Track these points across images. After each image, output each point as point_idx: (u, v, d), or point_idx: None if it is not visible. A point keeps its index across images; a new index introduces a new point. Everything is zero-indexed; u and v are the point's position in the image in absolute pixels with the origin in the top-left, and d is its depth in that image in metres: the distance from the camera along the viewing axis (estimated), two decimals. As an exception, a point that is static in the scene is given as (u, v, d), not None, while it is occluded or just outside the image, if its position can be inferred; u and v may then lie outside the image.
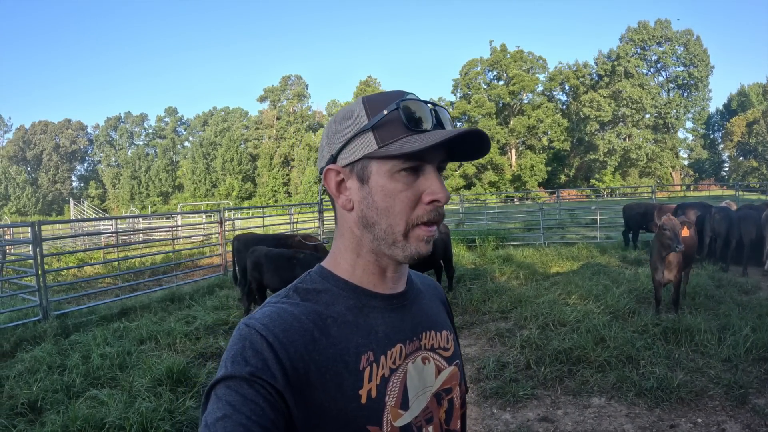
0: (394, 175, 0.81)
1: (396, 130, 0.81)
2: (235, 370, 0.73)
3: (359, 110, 0.84)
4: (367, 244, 0.86)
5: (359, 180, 0.84)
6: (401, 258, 0.85)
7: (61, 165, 75.19)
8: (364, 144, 0.82)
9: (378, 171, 0.82)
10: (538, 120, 52.13)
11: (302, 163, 61.22)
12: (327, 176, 0.87)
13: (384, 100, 0.83)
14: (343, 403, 0.78)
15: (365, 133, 0.82)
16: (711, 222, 9.75)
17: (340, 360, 0.80)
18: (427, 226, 0.83)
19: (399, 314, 0.90)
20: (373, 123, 0.81)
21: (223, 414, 0.69)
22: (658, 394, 4.13)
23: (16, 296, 8.67)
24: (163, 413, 3.94)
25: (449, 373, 0.95)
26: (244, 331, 0.78)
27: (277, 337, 0.76)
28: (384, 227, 0.83)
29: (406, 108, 0.81)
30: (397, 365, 0.86)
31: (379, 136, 0.81)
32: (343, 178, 0.86)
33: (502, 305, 7.08)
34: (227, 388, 0.72)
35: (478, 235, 14.57)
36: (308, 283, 0.88)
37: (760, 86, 55.03)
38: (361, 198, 0.84)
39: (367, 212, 0.84)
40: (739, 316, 5.96)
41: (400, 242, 0.83)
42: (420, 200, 0.82)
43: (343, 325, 0.83)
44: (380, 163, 0.82)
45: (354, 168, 0.84)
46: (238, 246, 8.01)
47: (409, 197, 0.82)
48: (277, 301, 0.84)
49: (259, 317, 0.80)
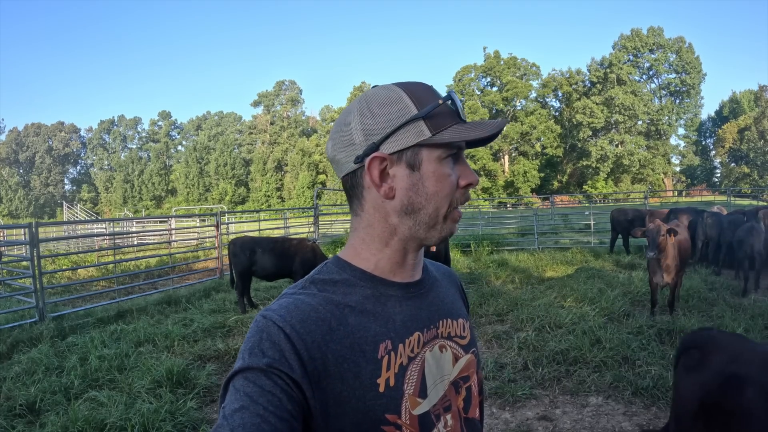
0: (443, 161, 0.85)
1: (446, 120, 0.84)
2: (252, 361, 0.74)
3: (402, 98, 0.85)
4: (402, 232, 0.87)
5: (409, 167, 0.84)
6: (434, 240, 0.88)
7: (53, 168, 74.79)
8: (416, 132, 0.83)
9: (429, 158, 0.84)
10: (531, 126, 52.39)
11: (295, 168, 61.19)
12: (371, 164, 0.84)
13: (423, 90, 0.86)
14: (361, 392, 0.78)
15: (416, 121, 0.83)
16: (703, 226, 9.85)
17: (357, 349, 0.80)
18: (458, 210, 0.89)
19: (416, 302, 0.90)
20: (426, 112, 0.83)
21: (241, 405, 0.70)
22: (654, 393, 4.20)
23: (11, 298, 8.62)
24: (164, 414, 3.94)
25: (466, 361, 0.96)
26: (261, 323, 0.78)
27: (294, 328, 0.77)
28: (430, 211, 0.85)
29: (454, 98, 0.86)
30: (415, 353, 0.86)
31: (431, 124, 0.83)
32: (386, 165, 0.85)
33: (499, 308, 7.12)
34: (245, 380, 0.73)
35: (472, 240, 14.65)
36: (325, 274, 0.88)
37: (751, 93, 55.56)
38: (409, 185, 0.84)
39: (414, 198, 0.85)
40: (732, 317, 6.05)
41: (440, 224, 0.87)
42: (458, 184, 0.87)
43: (360, 314, 0.83)
44: (431, 150, 0.84)
45: (403, 155, 0.84)
46: (234, 249, 8.00)
47: (453, 181, 0.86)
48: (294, 293, 0.85)
49: (276, 309, 0.80)
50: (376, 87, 0.89)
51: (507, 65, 54.38)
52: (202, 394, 4.58)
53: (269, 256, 7.76)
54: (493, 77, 55.01)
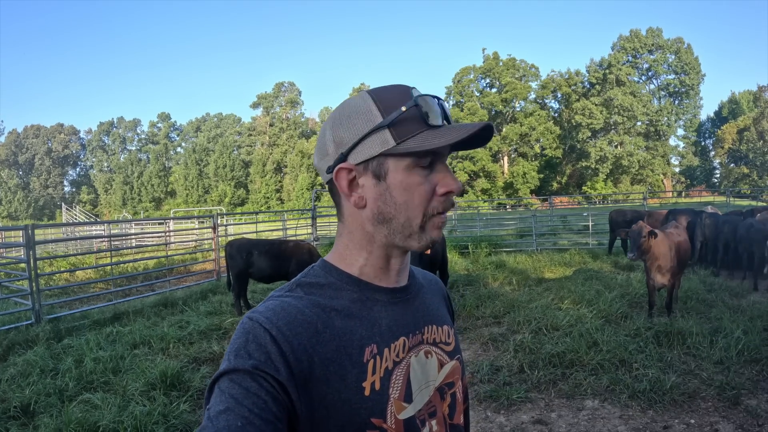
0: (412, 170, 0.82)
1: (413, 126, 0.81)
2: (238, 363, 0.73)
3: (369, 107, 0.83)
4: (379, 240, 0.86)
5: (375, 177, 0.83)
6: (416, 247, 0.86)
7: (53, 169, 74.79)
8: (380, 141, 0.81)
9: (395, 167, 0.82)
10: (530, 128, 52.40)
11: (295, 169, 61.16)
12: (338, 175, 0.85)
13: (393, 96, 0.83)
14: (347, 395, 0.78)
15: (381, 130, 0.81)
16: (701, 227, 9.82)
17: (343, 352, 0.80)
18: (440, 215, 0.86)
19: (402, 307, 0.90)
20: (390, 120, 0.81)
21: (226, 407, 0.69)
22: (651, 396, 4.17)
23: (8, 300, 8.60)
24: (157, 417, 3.93)
25: (451, 368, 0.96)
26: (247, 325, 0.77)
27: (280, 330, 0.76)
28: (402, 221, 0.83)
29: (427, 103, 0.82)
30: (400, 358, 0.86)
31: (396, 132, 0.81)
32: (355, 176, 0.85)
33: (495, 310, 7.10)
34: (230, 382, 0.72)
35: (470, 241, 14.63)
36: (311, 277, 0.87)
37: (750, 93, 55.62)
38: (377, 195, 0.83)
39: (384, 208, 0.83)
40: (730, 318, 6.02)
41: (416, 234, 0.84)
42: (434, 192, 0.84)
43: (346, 317, 0.83)
44: (398, 160, 0.82)
45: (369, 165, 0.83)
46: (231, 251, 7.98)
47: (426, 190, 0.83)
48: (281, 295, 0.84)
49: (262, 310, 0.80)
50: (352, 95, 0.87)
51: (506, 66, 54.41)
52: (195, 396, 4.56)
53: (266, 258, 7.74)
54: (492, 78, 55.03)
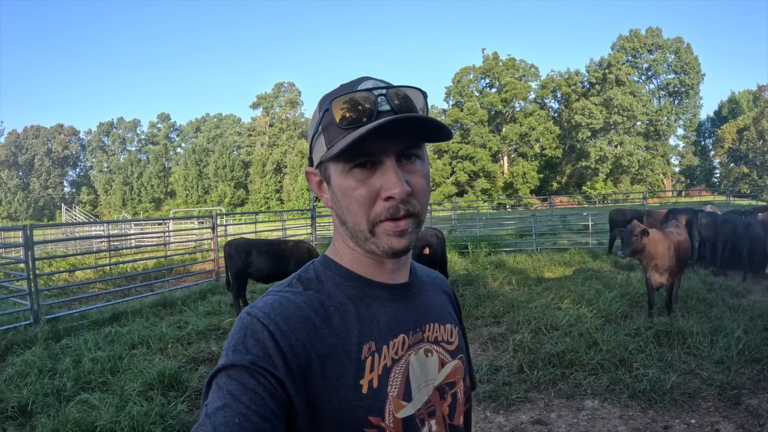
0: (347, 174, 0.80)
1: (336, 130, 0.79)
2: (236, 358, 0.73)
3: (316, 112, 0.84)
4: (350, 239, 0.87)
5: (326, 181, 0.86)
6: (379, 252, 0.82)
7: (53, 170, 74.74)
8: (320, 147, 0.83)
9: (334, 171, 0.82)
10: (530, 127, 52.34)
11: (295, 170, 61.13)
12: (308, 179, 0.90)
13: (331, 98, 0.80)
14: (344, 392, 0.78)
15: (318, 135, 0.83)
16: (697, 227, 9.80)
17: (341, 349, 0.79)
18: (394, 221, 0.80)
19: (402, 305, 0.89)
20: (316, 126, 0.83)
21: (224, 403, 0.69)
22: (651, 396, 4.15)
23: (7, 300, 8.59)
24: (155, 417, 3.92)
25: (453, 367, 0.94)
26: (245, 320, 0.77)
27: (278, 325, 0.76)
28: (351, 225, 0.83)
29: (337, 105, 0.78)
30: (399, 356, 0.85)
31: (326, 137, 0.80)
32: (320, 178, 0.87)
33: (495, 310, 7.09)
34: (228, 377, 0.72)
35: (470, 241, 14.62)
36: (311, 272, 0.88)
37: (750, 93, 55.54)
38: (330, 197, 0.86)
39: (337, 211, 0.85)
40: (731, 318, 6.00)
41: (371, 239, 0.82)
42: (378, 196, 0.79)
43: (345, 314, 0.82)
44: (334, 164, 0.81)
45: (320, 170, 0.86)
46: (230, 251, 7.96)
47: (363, 195, 0.79)
48: (280, 290, 0.84)
49: (260, 306, 0.80)
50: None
51: (506, 66, 54.36)
52: (193, 397, 4.54)
53: (265, 258, 7.72)
54: (492, 78, 54.97)
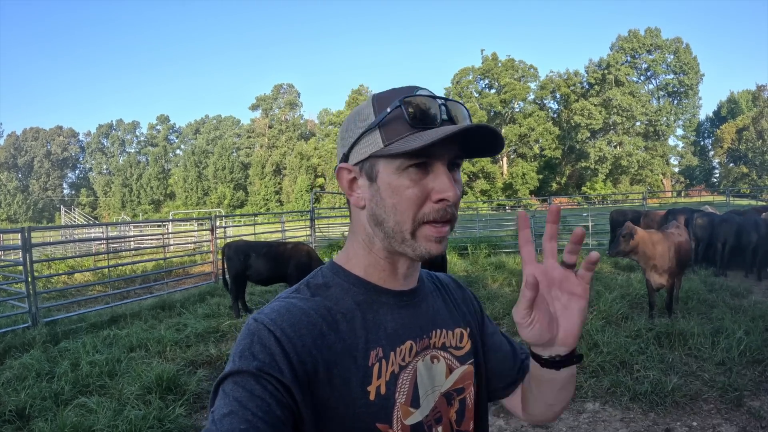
0: (401, 173, 0.80)
1: (401, 128, 0.79)
2: (242, 365, 0.73)
3: (368, 108, 0.83)
4: (378, 242, 0.86)
5: (368, 178, 0.84)
6: (412, 256, 0.84)
7: (52, 172, 74.83)
8: (371, 142, 0.82)
9: (385, 169, 0.81)
10: (529, 128, 52.43)
11: (294, 171, 61.16)
12: (339, 175, 0.88)
13: (392, 97, 0.82)
14: (351, 399, 0.77)
15: (372, 131, 0.82)
16: (692, 227, 9.78)
17: (348, 355, 0.79)
18: (436, 226, 0.82)
19: (409, 311, 0.89)
20: (378, 121, 0.80)
21: (230, 410, 0.69)
22: (652, 398, 4.12)
23: (5, 303, 8.56)
24: (152, 421, 3.88)
25: (461, 373, 0.94)
26: (252, 326, 0.77)
27: (284, 332, 0.76)
28: (392, 225, 0.82)
29: (409, 104, 0.80)
30: (406, 362, 0.85)
31: (384, 134, 0.80)
32: (354, 176, 0.86)
33: (495, 312, 7.06)
34: (234, 384, 0.71)
35: (470, 242, 14.57)
36: (319, 278, 0.88)
37: (749, 93, 55.66)
38: (370, 196, 0.84)
39: (376, 210, 0.83)
40: (732, 319, 5.97)
41: (409, 241, 0.82)
42: (428, 198, 0.81)
43: (352, 320, 0.82)
44: (387, 161, 0.81)
45: (363, 166, 0.84)
46: (229, 253, 7.94)
47: (416, 194, 0.80)
48: (287, 296, 0.84)
49: (267, 312, 0.79)
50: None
51: (505, 67, 54.46)
52: (191, 400, 4.51)
53: (263, 260, 7.69)
54: (491, 79, 55.06)
